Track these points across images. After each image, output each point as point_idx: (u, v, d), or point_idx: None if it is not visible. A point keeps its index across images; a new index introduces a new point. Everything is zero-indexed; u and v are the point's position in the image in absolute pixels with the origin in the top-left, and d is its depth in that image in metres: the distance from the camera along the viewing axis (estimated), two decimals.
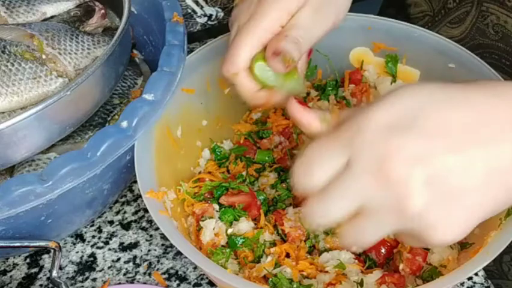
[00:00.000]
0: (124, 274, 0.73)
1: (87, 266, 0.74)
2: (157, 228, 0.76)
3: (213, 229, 0.69)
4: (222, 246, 0.69)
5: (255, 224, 0.71)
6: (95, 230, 0.77)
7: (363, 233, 0.49)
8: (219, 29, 1.06)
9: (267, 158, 0.77)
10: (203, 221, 0.70)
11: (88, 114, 0.71)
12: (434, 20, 0.91)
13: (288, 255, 0.68)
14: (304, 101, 0.81)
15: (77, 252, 0.75)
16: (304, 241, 0.69)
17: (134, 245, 0.76)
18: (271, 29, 0.63)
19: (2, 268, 0.74)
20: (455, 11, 0.87)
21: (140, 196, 0.71)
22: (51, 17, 0.81)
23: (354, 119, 0.49)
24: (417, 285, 0.64)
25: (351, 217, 0.49)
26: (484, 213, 0.49)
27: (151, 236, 0.77)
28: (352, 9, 0.71)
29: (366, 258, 0.68)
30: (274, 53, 0.61)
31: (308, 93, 0.81)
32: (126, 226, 0.78)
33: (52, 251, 0.66)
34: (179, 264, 0.73)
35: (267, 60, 0.62)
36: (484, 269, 0.66)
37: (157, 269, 0.73)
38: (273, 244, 0.69)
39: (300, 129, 0.68)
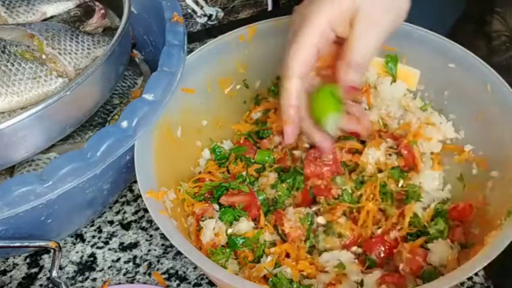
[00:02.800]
0: (124, 274, 0.73)
1: (87, 266, 0.74)
2: (157, 228, 0.76)
3: (213, 229, 0.69)
4: (222, 246, 0.69)
5: (255, 224, 0.71)
6: (95, 230, 0.77)
7: None
8: (219, 29, 1.06)
9: (267, 158, 0.76)
10: (203, 221, 0.70)
11: (88, 114, 0.71)
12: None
13: (288, 255, 0.68)
14: None
15: (77, 252, 0.75)
16: (304, 241, 0.69)
17: (134, 245, 0.76)
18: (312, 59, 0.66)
19: (2, 268, 0.74)
20: None
21: (140, 196, 0.71)
22: (51, 17, 0.81)
23: None
24: (417, 285, 0.64)
25: None
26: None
27: (151, 236, 0.77)
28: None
29: (366, 258, 0.68)
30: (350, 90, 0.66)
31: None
32: (126, 226, 0.78)
33: (52, 251, 0.66)
34: (179, 264, 0.73)
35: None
36: (494, 283, 0.67)
37: (157, 269, 0.73)
38: (273, 244, 0.69)
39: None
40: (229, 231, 0.69)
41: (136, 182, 0.66)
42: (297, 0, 0.69)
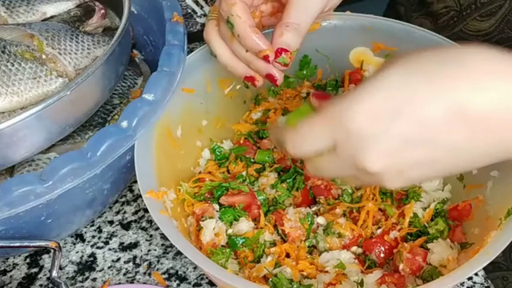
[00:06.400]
0: (124, 274, 0.73)
1: (87, 266, 0.74)
2: (157, 228, 0.76)
3: (213, 229, 0.69)
4: (222, 246, 0.69)
5: (255, 224, 0.71)
6: (95, 230, 0.77)
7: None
8: None
9: (267, 158, 0.77)
10: (203, 221, 0.70)
11: (88, 114, 0.71)
12: (461, 14, 0.90)
13: (288, 255, 0.68)
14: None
15: (77, 252, 0.75)
16: (304, 241, 0.69)
17: (134, 245, 0.76)
18: None
19: (2, 268, 0.74)
20: (489, 4, 0.87)
21: (140, 196, 0.71)
22: (51, 17, 0.81)
23: (339, 107, 0.52)
24: (417, 285, 0.64)
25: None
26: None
27: (151, 236, 0.77)
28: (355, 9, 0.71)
29: (366, 258, 0.68)
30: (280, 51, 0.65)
31: (308, 93, 0.81)
32: (126, 226, 0.78)
33: (52, 251, 0.66)
34: (179, 264, 0.74)
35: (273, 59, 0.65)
36: (492, 261, 0.67)
37: (157, 269, 0.73)
38: (273, 244, 0.69)
39: None
40: (229, 231, 0.69)
41: (136, 182, 0.66)
42: None
